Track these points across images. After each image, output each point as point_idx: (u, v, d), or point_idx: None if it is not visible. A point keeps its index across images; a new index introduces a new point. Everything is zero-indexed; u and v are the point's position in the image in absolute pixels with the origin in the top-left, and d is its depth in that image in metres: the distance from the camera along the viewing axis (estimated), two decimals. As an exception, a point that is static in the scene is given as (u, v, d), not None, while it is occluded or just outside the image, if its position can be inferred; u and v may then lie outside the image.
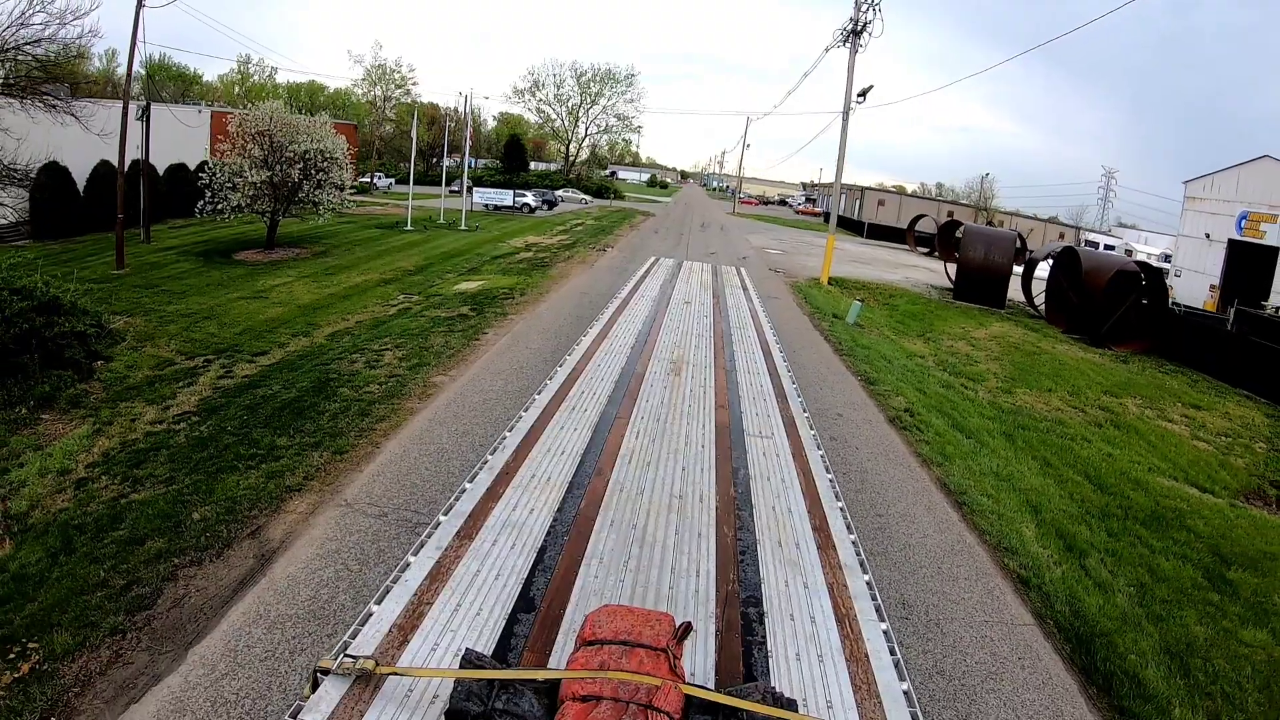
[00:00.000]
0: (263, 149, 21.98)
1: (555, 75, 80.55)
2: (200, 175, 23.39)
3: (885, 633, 3.26)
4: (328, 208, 24.21)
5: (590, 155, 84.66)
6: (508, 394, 10.59)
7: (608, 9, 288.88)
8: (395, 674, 2.59)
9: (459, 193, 42.97)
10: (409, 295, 17.82)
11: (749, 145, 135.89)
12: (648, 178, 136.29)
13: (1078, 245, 37.99)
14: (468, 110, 43.86)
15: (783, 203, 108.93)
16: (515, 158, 72.05)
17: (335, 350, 12.50)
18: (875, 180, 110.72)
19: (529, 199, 47.52)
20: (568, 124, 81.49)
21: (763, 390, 6.95)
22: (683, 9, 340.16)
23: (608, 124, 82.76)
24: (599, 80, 79.85)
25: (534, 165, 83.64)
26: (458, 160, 53.58)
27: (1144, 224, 73.37)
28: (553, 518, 3.99)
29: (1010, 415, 12.82)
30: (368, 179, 53.88)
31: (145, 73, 26.10)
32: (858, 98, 25.19)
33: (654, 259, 16.22)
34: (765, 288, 20.56)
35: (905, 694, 2.87)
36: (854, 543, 4.08)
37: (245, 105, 24.99)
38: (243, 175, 21.49)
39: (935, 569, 7.11)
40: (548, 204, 49.64)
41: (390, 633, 2.87)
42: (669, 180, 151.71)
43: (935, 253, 41.96)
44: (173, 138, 27.98)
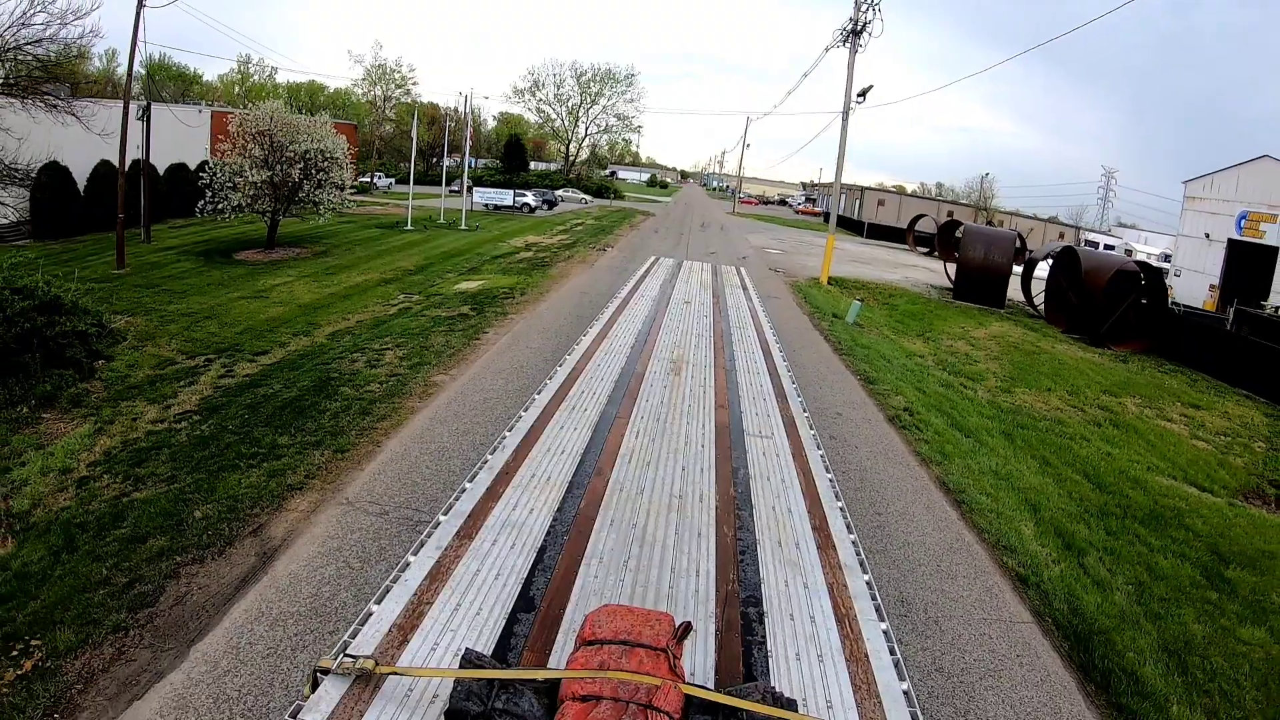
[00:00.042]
0: (263, 149, 22.00)
1: (555, 75, 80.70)
2: (201, 175, 23.43)
3: (885, 632, 3.25)
4: (328, 207, 24.23)
5: (590, 155, 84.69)
6: (508, 393, 10.61)
7: (608, 9, 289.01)
8: (395, 674, 2.59)
9: (459, 192, 42.97)
10: (409, 295, 17.85)
11: (749, 145, 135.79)
12: (648, 178, 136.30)
13: (1077, 245, 38.00)
14: (468, 110, 43.92)
15: (783, 202, 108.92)
16: (515, 158, 72.06)
17: (336, 349, 12.53)
18: (875, 180, 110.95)
19: (529, 199, 47.55)
20: (568, 124, 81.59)
21: (762, 390, 6.95)
22: (683, 9, 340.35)
23: (608, 124, 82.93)
24: (599, 80, 80.00)
25: (534, 165, 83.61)
26: (458, 160, 53.59)
27: (1144, 224, 73.48)
28: (552, 517, 3.99)
29: (1009, 414, 12.85)
30: (368, 179, 53.89)
31: (145, 72, 26.10)
32: (857, 98, 25.23)
33: (654, 259, 16.25)
34: (765, 287, 20.59)
35: (905, 694, 2.86)
36: (854, 542, 4.07)
37: (245, 105, 25.01)
38: (243, 175, 21.51)
39: (934, 567, 7.13)
40: (548, 204, 49.65)
41: (390, 632, 2.87)
42: (669, 180, 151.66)
43: (935, 252, 41.98)
44: (173, 137, 28.00)
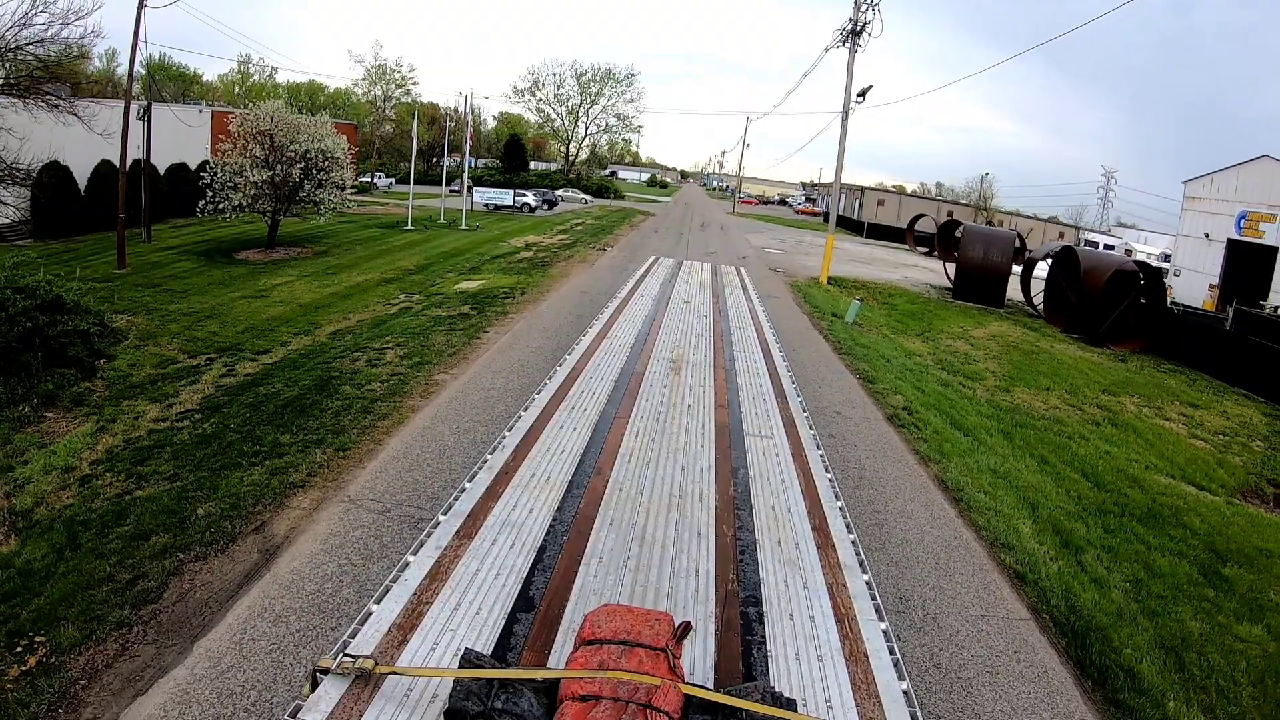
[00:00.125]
0: (264, 149, 22.05)
1: (555, 75, 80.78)
2: (201, 175, 23.48)
3: (885, 632, 3.25)
4: (328, 207, 24.28)
5: (590, 155, 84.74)
6: (509, 392, 10.65)
7: (608, 9, 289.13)
8: (395, 673, 2.59)
9: (459, 192, 43.00)
10: (410, 294, 17.88)
11: (749, 145, 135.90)
12: (648, 177, 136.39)
13: (1077, 245, 38.03)
14: (468, 110, 43.97)
15: (782, 202, 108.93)
16: (515, 157, 72.13)
17: (337, 349, 12.56)
18: (875, 180, 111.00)
19: (529, 199, 47.58)
20: (568, 124, 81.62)
21: (762, 390, 6.97)
22: (683, 9, 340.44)
23: (608, 124, 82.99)
24: (599, 80, 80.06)
25: (534, 165, 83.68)
26: (458, 160, 53.62)
27: (1144, 224, 73.48)
28: (552, 517, 3.99)
29: (1008, 413, 12.88)
30: (368, 179, 53.93)
31: (146, 72, 26.12)
32: (857, 98, 25.25)
33: (654, 258, 16.28)
34: (765, 287, 20.62)
35: (905, 694, 2.87)
36: (853, 542, 4.07)
37: (245, 105, 25.05)
38: (244, 175, 21.56)
39: (933, 564, 7.16)
40: (548, 204, 49.68)
41: (390, 632, 2.87)
42: (669, 180, 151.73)
43: (934, 252, 41.98)
44: (174, 137, 28.04)
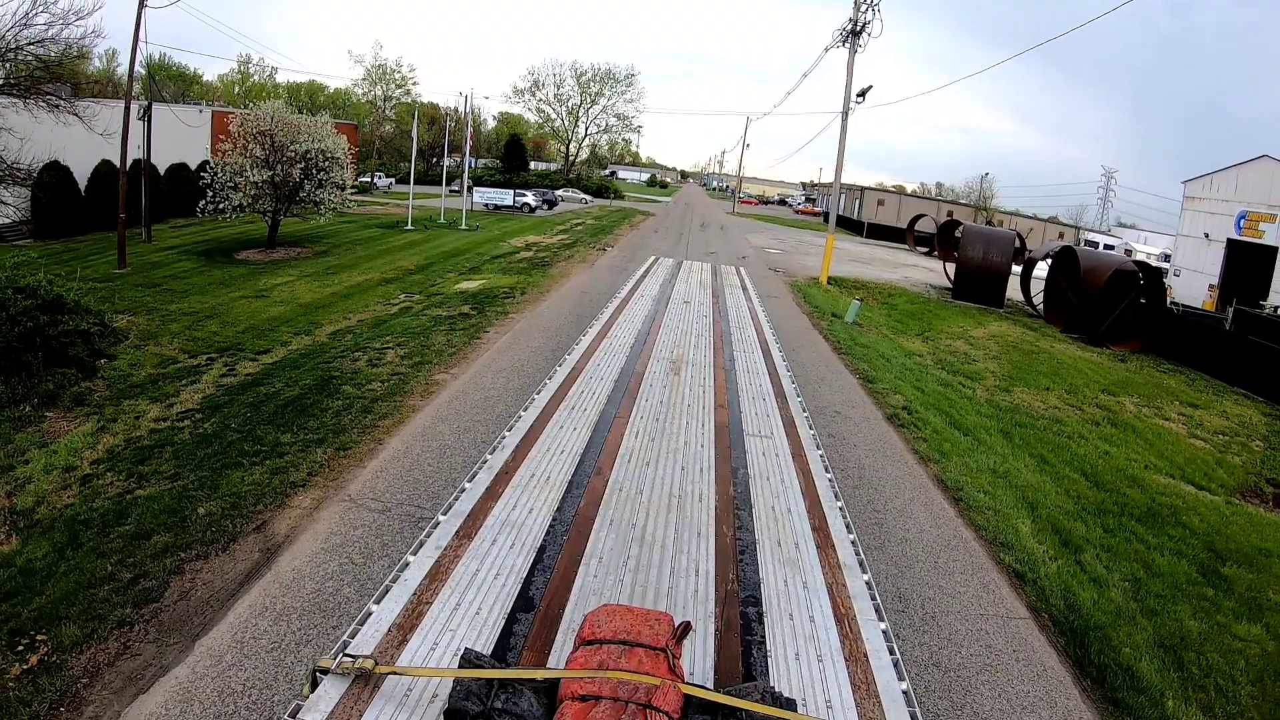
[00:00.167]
0: (264, 149, 22.07)
1: (555, 75, 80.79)
2: (201, 175, 23.49)
3: (884, 632, 3.25)
4: (329, 207, 24.30)
5: (590, 155, 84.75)
6: (509, 391, 10.66)
7: (608, 9, 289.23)
8: (394, 673, 2.59)
9: (459, 192, 43.01)
10: (410, 294, 17.89)
11: (749, 145, 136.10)
12: (648, 177, 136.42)
13: (1077, 245, 38.04)
14: (468, 110, 44.00)
15: (782, 202, 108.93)
16: (515, 157, 72.14)
17: (337, 348, 12.58)
18: (875, 180, 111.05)
19: (529, 199, 47.60)
20: (568, 124, 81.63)
21: (762, 390, 6.97)
22: (683, 9, 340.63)
23: (608, 124, 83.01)
24: (599, 80, 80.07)
25: (534, 165, 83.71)
26: (458, 160, 53.65)
27: (1144, 224, 73.45)
28: (552, 517, 3.99)
29: (1008, 413, 12.89)
30: (368, 179, 53.95)
31: (146, 72, 26.16)
32: (857, 98, 25.27)
33: (654, 258, 16.30)
34: (764, 287, 20.63)
35: (904, 694, 2.87)
36: (853, 542, 4.07)
37: (245, 105, 25.08)
38: (244, 175, 21.58)
39: (932, 563, 7.18)
40: (548, 204, 49.69)
41: (389, 632, 2.87)
42: (669, 180, 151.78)
43: (934, 252, 42.00)
44: (174, 137, 28.07)
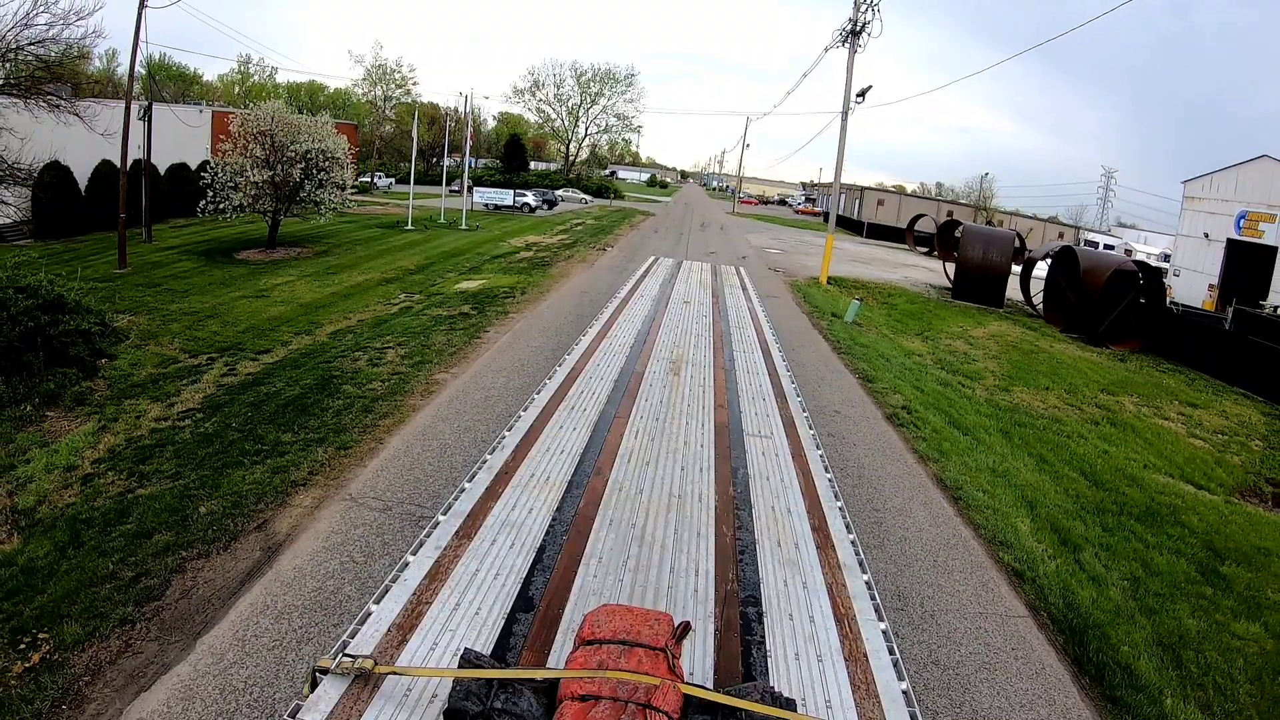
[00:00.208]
0: (265, 149, 22.09)
1: (555, 75, 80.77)
2: (202, 175, 23.51)
3: (884, 632, 3.25)
4: (329, 207, 24.32)
5: (590, 155, 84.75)
6: (509, 390, 10.68)
7: (608, 9, 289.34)
8: (394, 673, 2.59)
9: (459, 192, 43.02)
10: (410, 294, 17.91)
11: (749, 145, 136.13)
12: (647, 177, 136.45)
13: (1077, 245, 38.06)
14: (468, 110, 44.03)
15: (782, 202, 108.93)
16: (515, 157, 72.15)
17: (338, 348, 12.59)
18: (875, 180, 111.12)
19: (529, 199, 47.62)
20: (568, 124, 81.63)
21: (762, 390, 6.98)
22: (683, 9, 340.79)
23: (608, 124, 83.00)
24: (599, 80, 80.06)
25: (534, 165, 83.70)
26: (458, 160, 53.66)
27: (1143, 224, 73.41)
28: (552, 517, 4.00)
29: (1007, 413, 12.91)
30: (368, 179, 53.96)
31: (147, 72, 26.19)
32: (857, 98, 25.28)
33: (654, 258, 16.32)
34: (764, 287, 20.65)
35: (904, 694, 2.87)
36: (853, 542, 4.08)
37: (245, 105, 25.10)
38: (244, 175, 21.60)
39: (931, 562, 7.20)
40: (548, 204, 49.71)
41: (389, 632, 2.87)
42: (669, 180, 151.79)
43: (934, 252, 41.99)
44: (174, 137, 28.09)
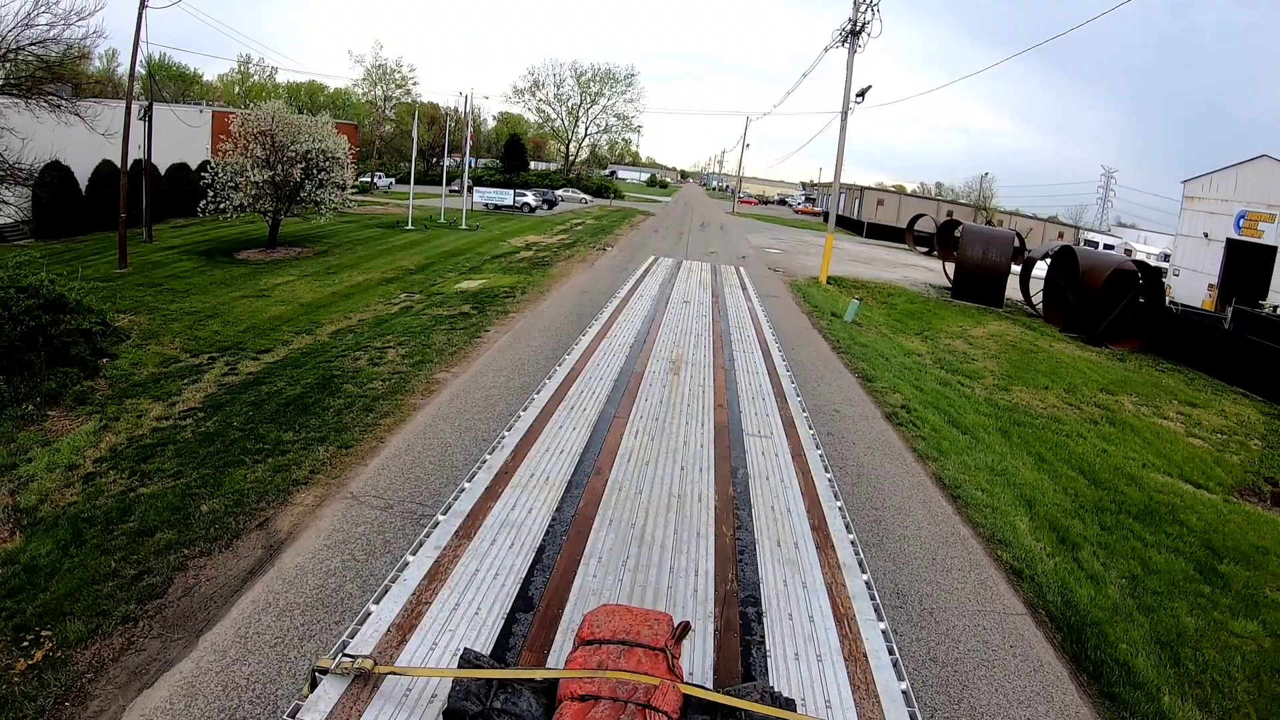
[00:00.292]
0: (265, 149, 22.10)
1: (555, 75, 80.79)
2: (202, 175, 23.53)
3: (884, 632, 3.26)
4: (329, 207, 24.34)
5: (590, 155, 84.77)
6: (509, 390, 10.70)
7: (608, 9, 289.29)
8: (394, 673, 2.60)
9: (459, 192, 43.04)
10: (411, 294, 17.94)
11: (749, 145, 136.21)
12: (647, 177, 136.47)
13: (1076, 245, 38.08)
14: (468, 110, 44.07)
15: (782, 202, 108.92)
16: (515, 157, 72.17)
17: (338, 348, 12.62)
18: (875, 180, 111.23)
19: (529, 198, 47.64)
20: (568, 124, 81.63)
21: (761, 390, 6.99)
22: (683, 9, 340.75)
23: (607, 124, 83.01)
24: (599, 80, 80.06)
25: (534, 165, 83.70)
26: (458, 160, 53.68)
27: (1143, 223, 73.35)
28: (551, 517, 4.01)
29: (1006, 412, 12.93)
30: (368, 179, 53.98)
31: (147, 72, 26.20)
32: (856, 98, 25.30)
33: (653, 258, 16.35)
34: (764, 287, 20.68)
35: (904, 694, 2.87)
36: (853, 542, 4.09)
37: (246, 105, 25.12)
38: (245, 175, 21.62)
39: (930, 560, 7.22)
40: (548, 203, 49.72)
41: (389, 632, 2.88)
42: (669, 180, 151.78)
43: (934, 252, 41.99)
44: (174, 137, 28.12)
